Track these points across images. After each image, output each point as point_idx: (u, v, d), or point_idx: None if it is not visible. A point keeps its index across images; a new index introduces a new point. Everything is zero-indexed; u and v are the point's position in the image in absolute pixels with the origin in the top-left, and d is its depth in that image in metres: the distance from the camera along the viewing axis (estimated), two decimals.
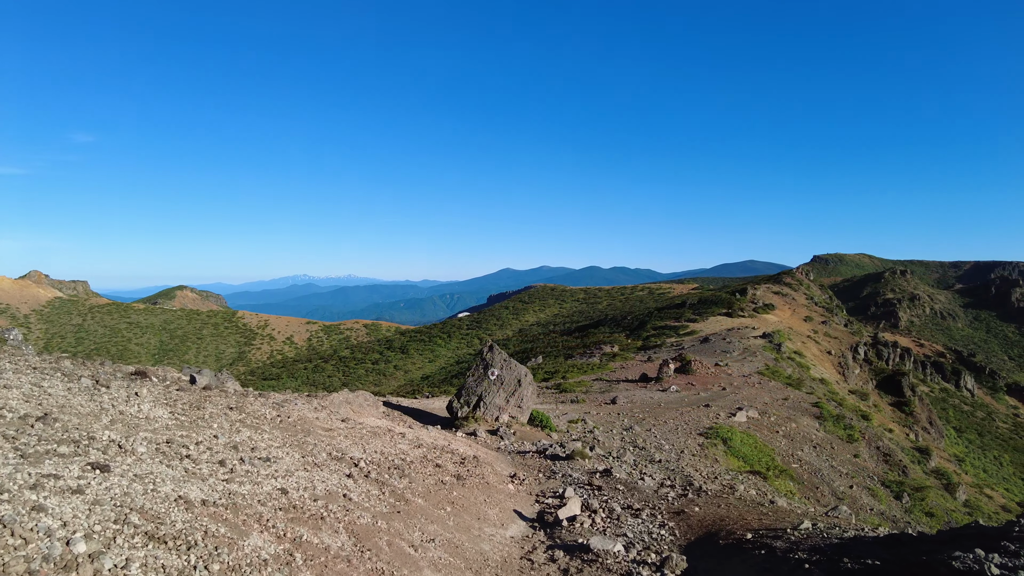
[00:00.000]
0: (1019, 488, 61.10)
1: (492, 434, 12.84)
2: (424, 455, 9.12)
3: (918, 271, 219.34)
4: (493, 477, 9.42)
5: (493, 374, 13.55)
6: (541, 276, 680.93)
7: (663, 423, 19.77)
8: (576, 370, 37.11)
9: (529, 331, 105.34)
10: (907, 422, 52.15)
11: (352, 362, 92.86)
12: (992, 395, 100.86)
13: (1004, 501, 50.18)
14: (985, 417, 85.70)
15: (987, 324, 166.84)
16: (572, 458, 11.00)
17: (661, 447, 14.45)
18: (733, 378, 31.53)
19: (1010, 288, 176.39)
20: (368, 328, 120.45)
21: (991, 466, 64.18)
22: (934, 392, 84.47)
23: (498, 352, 13.92)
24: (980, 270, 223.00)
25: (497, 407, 13.54)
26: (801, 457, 19.85)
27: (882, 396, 56.81)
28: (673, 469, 11.53)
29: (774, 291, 79.67)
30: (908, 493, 20.25)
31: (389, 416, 11.38)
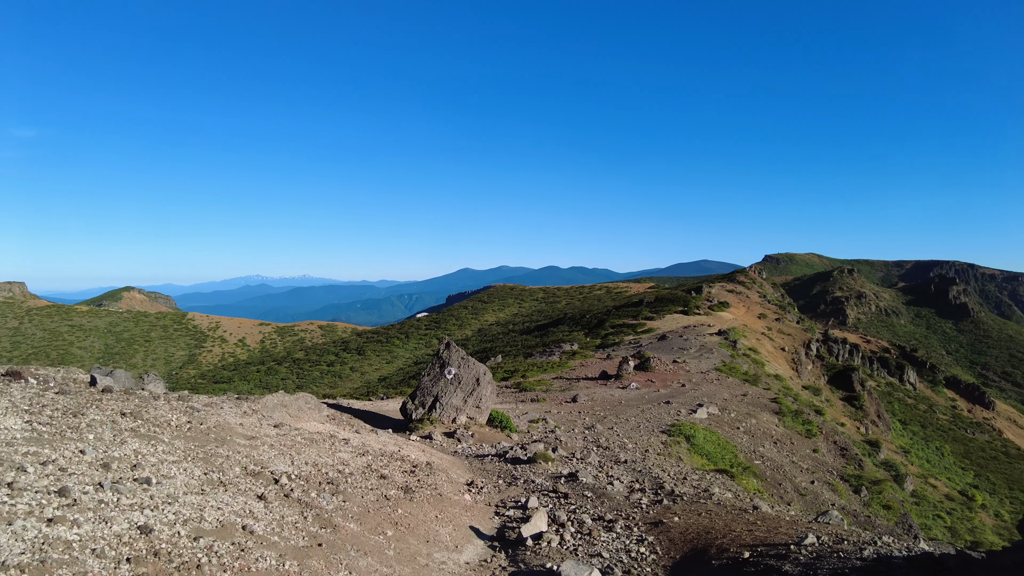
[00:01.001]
0: (959, 476, 63.47)
1: (449, 437, 12.10)
2: (368, 464, 8.19)
3: (864, 270, 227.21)
4: (448, 487, 8.58)
5: (450, 373, 12.82)
6: (500, 276, 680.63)
7: (625, 421, 19.36)
8: (536, 369, 36.59)
9: (489, 331, 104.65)
10: (857, 416, 53.38)
11: (307, 364, 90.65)
12: (932, 388, 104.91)
13: (947, 490, 51.91)
14: (927, 409, 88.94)
15: (927, 320, 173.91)
16: (534, 461, 10.33)
17: (625, 446, 13.96)
18: (692, 375, 31.49)
19: (947, 286, 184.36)
20: (324, 329, 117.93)
21: (934, 456, 66.50)
22: (881, 386, 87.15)
23: (455, 350, 13.19)
24: (920, 269, 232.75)
25: (454, 408, 12.81)
26: (763, 453, 19.74)
27: (833, 391, 58.06)
28: (640, 470, 10.98)
29: (728, 289, 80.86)
30: (866, 487, 20.38)
31: (334, 420, 10.48)
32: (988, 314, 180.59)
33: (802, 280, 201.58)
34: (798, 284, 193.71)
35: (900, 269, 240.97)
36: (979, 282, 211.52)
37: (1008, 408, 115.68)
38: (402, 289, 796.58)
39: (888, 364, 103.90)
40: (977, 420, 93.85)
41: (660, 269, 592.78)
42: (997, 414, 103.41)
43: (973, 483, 61.50)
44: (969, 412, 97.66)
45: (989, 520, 49.37)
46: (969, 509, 47.39)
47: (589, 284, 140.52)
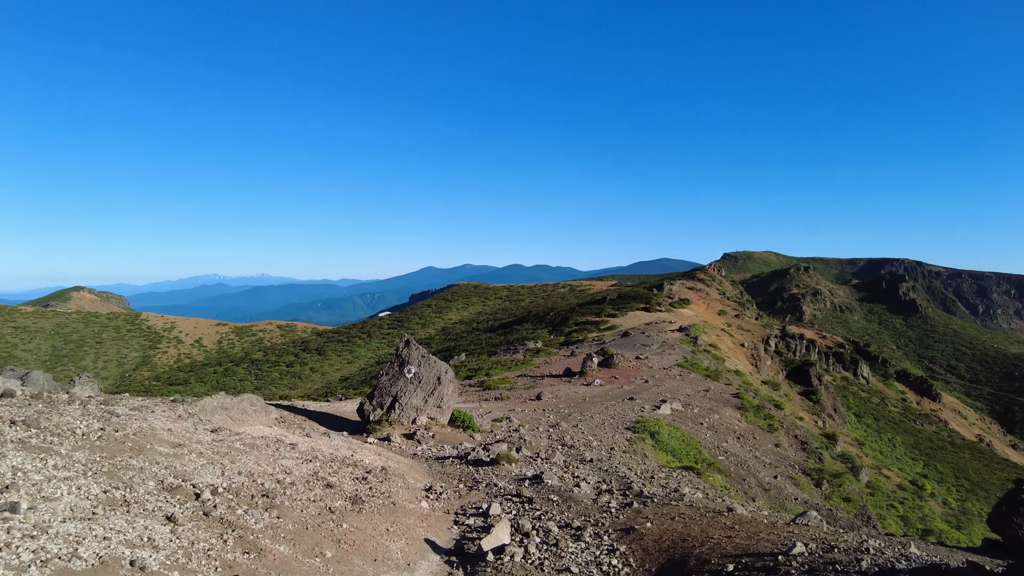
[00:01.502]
0: (910, 466, 65.57)
1: (408, 438, 11.57)
2: (314, 472, 7.49)
3: (819, 268, 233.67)
4: (403, 493, 8.00)
5: (410, 372, 12.28)
6: (464, 275, 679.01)
7: (590, 418, 19.10)
8: (500, 367, 36.18)
9: (452, 329, 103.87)
10: (815, 410, 54.53)
11: (265, 365, 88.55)
12: (884, 382, 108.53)
13: (899, 480, 53.46)
14: (880, 403, 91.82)
15: (879, 316, 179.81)
16: (497, 463, 9.88)
17: (590, 444, 13.64)
18: (654, 371, 31.51)
19: (898, 283, 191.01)
20: (283, 329, 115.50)
21: (886, 447, 68.56)
22: (836, 381, 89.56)
23: (415, 348, 12.65)
24: (872, 266, 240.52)
25: (414, 408, 12.27)
26: (726, 449, 19.72)
27: (792, 386, 59.20)
28: (607, 469, 10.63)
29: (689, 287, 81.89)
30: (827, 480, 20.60)
31: (284, 423, 9.84)
32: (935, 310, 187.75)
33: (760, 278, 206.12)
34: (756, 281, 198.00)
35: (853, 267, 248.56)
36: (926, 279, 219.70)
37: (953, 400, 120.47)
38: (364, 288, 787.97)
39: (843, 359, 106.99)
40: (925, 412, 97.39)
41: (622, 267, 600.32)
42: (943, 406, 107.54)
43: (923, 472, 63.60)
44: (918, 404, 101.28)
45: (938, 508, 51.03)
46: (919, 498, 48.86)
47: (553, 282, 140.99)
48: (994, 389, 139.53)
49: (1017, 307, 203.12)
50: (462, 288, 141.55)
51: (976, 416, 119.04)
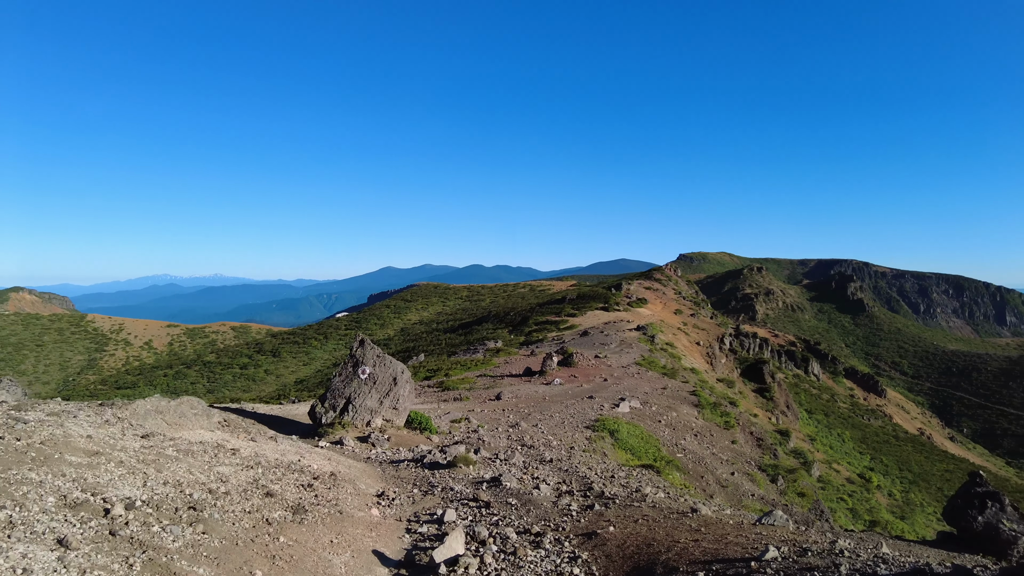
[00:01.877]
0: (858, 460, 67.76)
1: (363, 441, 11.14)
2: (254, 479, 6.92)
3: (772, 268, 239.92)
4: (353, 500, 7.54)
5: (364, 373, 11.85)
6: (424, 275, 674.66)
7: (550, 417, 18.95)
8: (460, 367, 35.80)
9: (412, 330, 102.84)
10: (768, 407, 55.76)
11: (218, 367, 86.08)
12: (834, 379, 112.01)
13: (848, 474, 55.13)
14: (829, 399, 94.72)
15: (829, 315, 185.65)
16: (454, 465, 9.55)
17: (550, 444, 13.44)
18: (613, 369, 31.63)
19: (846, 283, 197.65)
20: (237, 331, 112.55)
21: (836, 442, 70.68)
22: (788, 378, 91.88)
23: (370, 348, 12.23)
24: (822, 267, 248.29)
25: (369, 410, 11.85)
26: (685, 446, 19.83)
27: (746, 383, 60.42)
28: (567, 469, 10.42)
29: (646, 287, 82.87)
30: (782, 475, 20.93)
31: (228, 427, 9.29)
32: (881, 309, 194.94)
33: (715, 278, 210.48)
34: (711, 281, 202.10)
35: (804, 267, 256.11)
36: (872, 279, 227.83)
37: (897, 395, 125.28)
38: (321, 288, 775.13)
39: (795, 357, 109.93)
40: (872, 407, 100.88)
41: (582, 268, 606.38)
42: (888, 401, 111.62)
43: (869, 466, 65.79)
44: (865, 400, 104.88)
45: (884, 500, 52.79)
46: (867, 490, 50.48)
47: (513, 282, 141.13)
48: (934, 384, 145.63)
49: (955, 306, 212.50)
50: (422, 288, 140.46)
51: (918, 410, 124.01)
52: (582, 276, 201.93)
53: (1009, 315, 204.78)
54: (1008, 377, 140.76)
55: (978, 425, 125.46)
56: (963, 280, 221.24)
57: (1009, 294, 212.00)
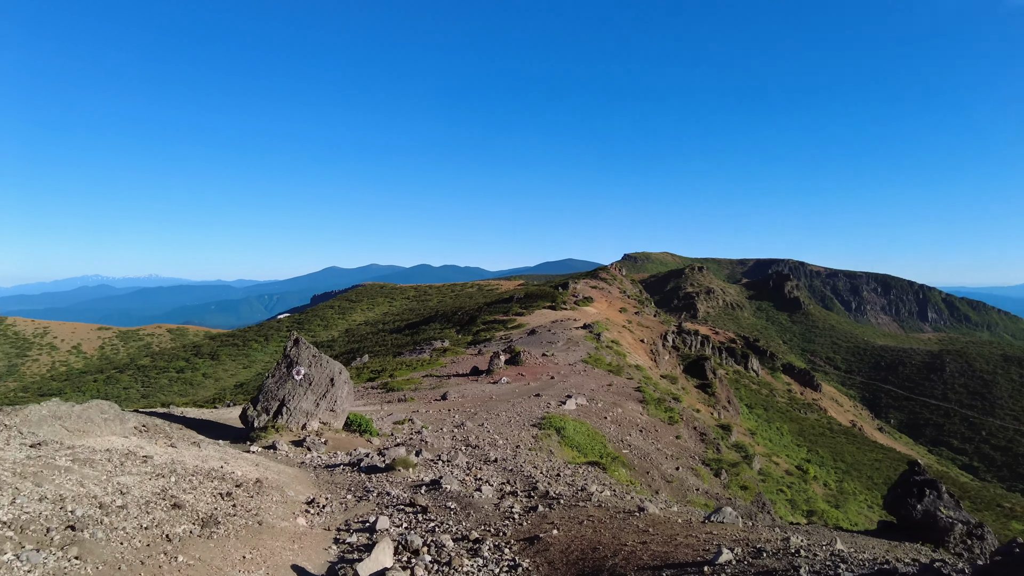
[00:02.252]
0: (796, 453, 70.25)
1: (297, 445, 10.57)
2: (163, 489, 6.24)
3: (712, 268, 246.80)
4: (277, 509, 6.97)
5: (299, 373, 11.27)
6: (370, 275, 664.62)
7: (496, 416, 18.68)
8: (405, 367, 35.14)
9: (357, 331, 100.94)
10: (710, 402, 57.03)
11: (153, 371, 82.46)
12: (772, 374, 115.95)
13: (787, 466, 56.99)
14: (768, 394, 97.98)
15: (767, 313, 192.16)
16: (393, 468, 9.11)
17: (496, 443, 13.14)
18: (560, 367, 31.63)
19: (783, 282, 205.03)
20: (173, 333, 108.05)
21: (775, 436, 73.11)
22: (729, 374, 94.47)
23: (305, 347, 11.64)
24: (761, 266, 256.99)
25: (304, 412, 11.27)
26: (630, 442, 19.89)
27: (689, 379, 61.66)
28: (512, 469, 10.13)
29: (592, 286, 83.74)
30: (725, 469, 21.27)
31: (146, 432, 8.59)
32: (815, 306, 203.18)
33: (658, 277, 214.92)
34: (654, 281, 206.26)
35: (743, 266, 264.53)
36: (808, 278, 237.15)
37: (831, 389, 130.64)
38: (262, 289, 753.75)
39: (735, 353, 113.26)
40: (808, 401, 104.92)
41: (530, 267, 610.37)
42: (823, 395, 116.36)
43: (806, 458, 68.27)
44: (802, 394, 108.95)
45: (820, 490, 54.82)
46: (804, 482, 52.30)
47: (461, 282, 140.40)
48: (865, 378, 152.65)
49: (883, 303, 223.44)
50: (367, 288, 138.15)
51: (850, 403, 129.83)
52: (530, 276, 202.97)
53: (930, 312, 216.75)
54: (929, 370, 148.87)
55: (904, 416, 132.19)
56: (890, 279, 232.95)
57: (930, 292, 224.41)
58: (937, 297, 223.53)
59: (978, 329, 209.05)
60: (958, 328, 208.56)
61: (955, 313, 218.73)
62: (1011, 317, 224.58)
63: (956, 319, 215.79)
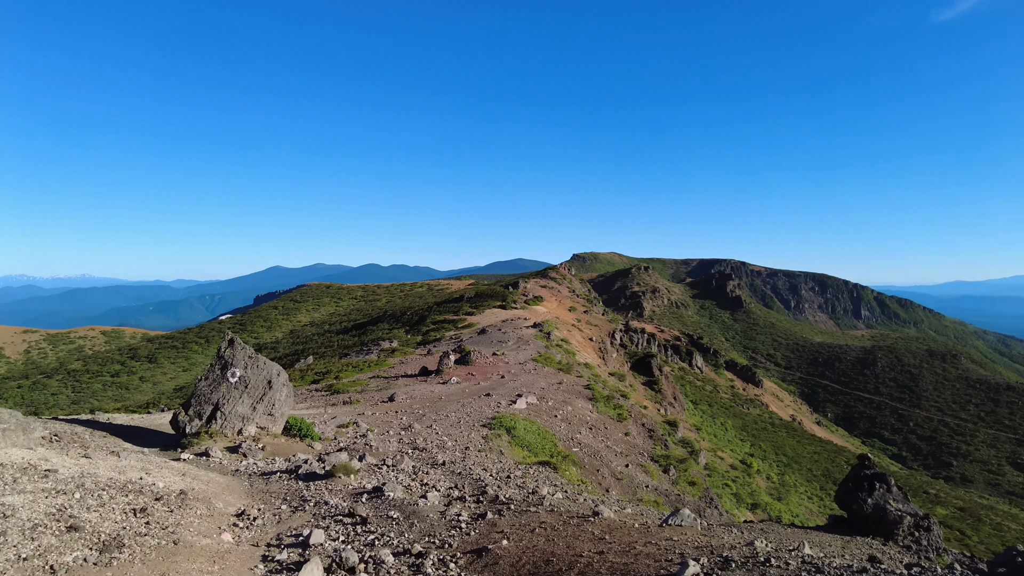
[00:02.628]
0: (739, 447, 72.18)
1: (232, 452, 9.93)
2: (61, 508, 5.44)
3: (658, 267, 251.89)
4: (201, 524, 6.28)
5: (234, 376, 10.62)
6: (316, 274, 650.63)
7: (445, 417, 18.28)
8: (352, 369, 34.27)
9: (302, 332, 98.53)
10: (657, 399, 57.91)
11: (85, 376, 78.37)
12: (715, 371, 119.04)
13: (732, 460, 58.44)
14: (712, 390, 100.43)
15: (710, 312, 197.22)
16: (333, 475, 8.60)
17: (444, 445, 12.76)
18: (511, 366, 31.44)
19: (725, 281, 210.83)
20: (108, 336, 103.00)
21: (719, 431, 74.95)
22: (675, 371, 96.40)
23: (241, 348, 10.98)
24: (704, 266, 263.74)
25: (240, 417, 10.62)
26: (580, 440, 19.82)
27: (636, 376, 62.49)
28: (460, 472, 9.76)
29: (542, 285, 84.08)
30: (673, 466, 21.46)
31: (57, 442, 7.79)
32: (757, 305, 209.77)
33: (606, 276, 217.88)
34: (602, 280, 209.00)
35: (687, 266, 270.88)
36: (749, 277, 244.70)
37: (772, 385, 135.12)
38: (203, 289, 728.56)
39: (680, 351, 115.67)
40: (750, 397, 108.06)
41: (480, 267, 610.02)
42: (764, 391, 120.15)
43: (750, 452, 70.26)
44: (744, 390, 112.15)
45: (763, 483, 56.43)
46: (748, 475, 53.73)
47: (411, 282, 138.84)
48: (804, 374, 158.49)
49: (820, 302, 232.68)
50: (313, 288, 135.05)
51: (790, 398, 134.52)
52: (481, 275, 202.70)
53: (864, 310, 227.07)
54: (863, 365, 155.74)
55: (839, 410, 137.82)
56: (827, 278, 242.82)
57: (864, 291, 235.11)
58: (870, 296, 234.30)
59: (906, 326, 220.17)
60: (888, 325, 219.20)
61: (886, 311, 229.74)
62: (935, 314, 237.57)
63: (887, 316, 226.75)
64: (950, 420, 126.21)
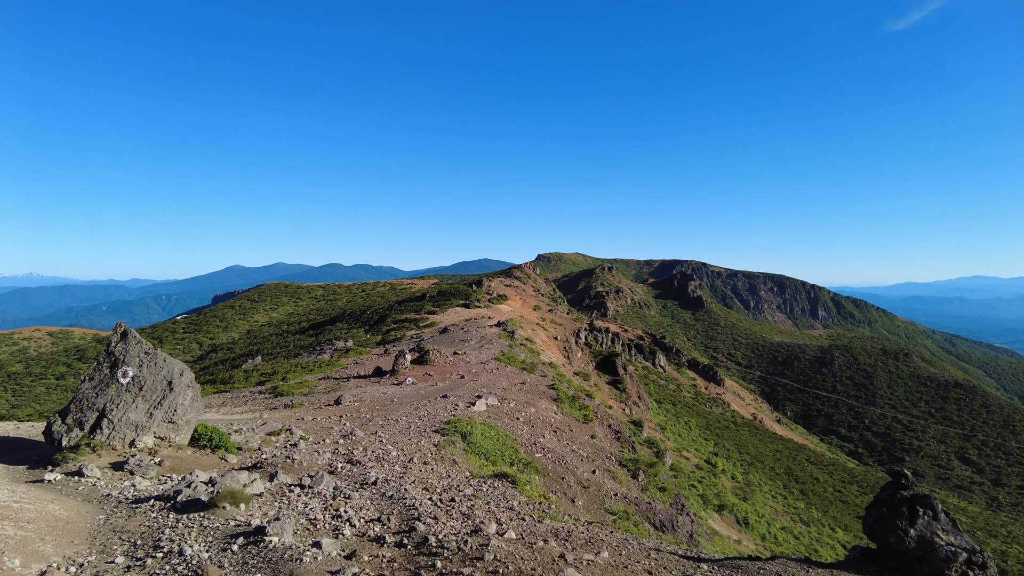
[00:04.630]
0: (704, 446, 71.79)
1: (117, 469, 8.08)
2: None
3: (621, 268, 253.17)
4: None
5: (125, 375, 8.74)
6: (277, 274, 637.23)
7: (395, 422, 16.55)
8: (301, 370, 32.12)
9: (259, 332, 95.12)
10: (621, 398, 56.91)
11: (28, 378, 73.95)
12: (678, 370, 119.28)
13: (697, 460, 57.80)
14: (676, 389, 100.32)
15: (672, 312, 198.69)
16: (214, 506, 6.76)
17: (385, 457, 11.03)
18: (472, 366, 29.81)
19: (687, 282, 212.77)
20: (55, 336, 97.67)
21: (683, 430, 74.48)
22: (638, 370, 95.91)
23: (135, 342, 9.09)
24: (666, 267, 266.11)
25: (132, 425, 8.75)
26: (544, 444, 18.31)
27: (600, 375, 61.45)
28: (392, 495, 8.04)
29: (506, 284, 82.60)
30: (643, 470, 20.15)
31: None
32: (717, 305, 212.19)
33: (570, 277, 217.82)
34: (567, 280, 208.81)
35: (650, 267, 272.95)
36: (710, 278, 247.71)
37: (733, 384, 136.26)
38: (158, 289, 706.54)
39: (643, 350, 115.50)
40: (712, 396, 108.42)
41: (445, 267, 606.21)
42: (726, 389, 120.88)
43: (714, 451, 69.87)
44: (706, 389, 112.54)
45: (728, 483, 55.90)
46: (714, 475, 53.04)
47: (373, 281, 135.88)
48: (763, 373, 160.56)
49: (779, 302, 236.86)
50: (272, 288, 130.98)
51: (751, 397, 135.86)
52: (445, 275, 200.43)
53: (820, 310, 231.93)
54: (820, 364, 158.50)
55: (798, 408, 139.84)
56: (785, 279, 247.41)
57: (821, 291, 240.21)
58: (826, 296, 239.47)
59: (861, 325, 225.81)
60: (844, 325, 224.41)
61: (841, 311, 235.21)
62: (887, 314, 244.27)
63: (842, 316, 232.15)
64: (903, 417, 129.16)
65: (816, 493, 67.54)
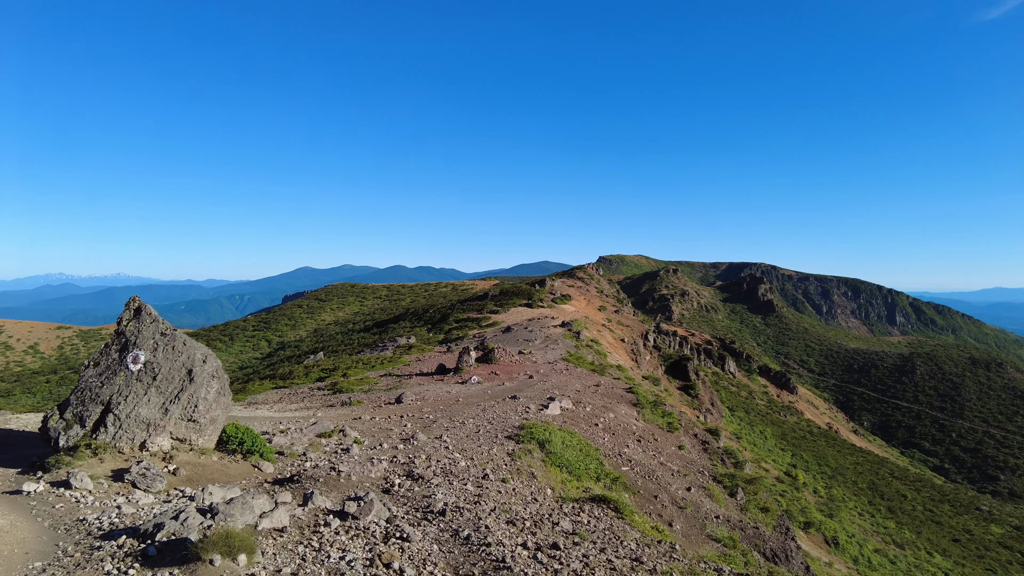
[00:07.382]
0: (781, 457, 67.25)
1: (118, 479, 6.33)
2: None
3: (685, 270, 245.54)
4: None
5: (136, 361, 7.02)
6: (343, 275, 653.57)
7: (460, 424, 14.55)
8: (362, 365, 30.75)
9: (326, 330, 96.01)
10: (694, 404, 53.56)
11: None
12: (748, 376, 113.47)
13: (777, 472, 53.75)
14: (747, 396, 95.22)
15: (741, 316, 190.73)
16: (197, 559, 4.47)
17: (453, 469, 8.99)
18: (539, 365, 27.64)
19: (756, 285, 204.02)
20: None
21: (759, 440, 70.05)
22: (708, 376, 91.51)
23: (150, 322, 7.33)
24: (734, 269, 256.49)
25: (143, 423, 7.00)
26: (629, 455, 15.94)
27: (671, 381, 58.19)
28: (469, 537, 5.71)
29: (569, 284, 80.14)
30: (741, 487, 17.49)
31: None
32: (788, 309, 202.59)
33: (632, 279, 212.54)
34: (629, 283, 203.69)
35: (716, 269, 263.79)
36: (780, 282, 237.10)
37: (806, 391, 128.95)
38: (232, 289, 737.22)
39: (712, 355, 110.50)
40: (785, 403, 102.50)
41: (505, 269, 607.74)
42: (799, 397, 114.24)
43: (792, 463, 65.25)
44: (778, 397, 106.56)
45: (811, 498, 51.67)
46: (796, 489, 49.04)
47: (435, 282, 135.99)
48: (838, 380, 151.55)
49: (852, 307, 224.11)
50: (338, 288, 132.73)
51: (825, 406, 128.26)
52: (505, 277, 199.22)
53: (898, 315, 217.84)
54: (900, 373, 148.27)
55: (876, 418, 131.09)
56: (859, 283, 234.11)
57: (898, 296, 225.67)
58: (904, 301, 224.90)
59: (943, 333, 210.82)
60: (924, 332, 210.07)
61: (921, 317, 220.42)
62: (974, 321, 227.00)
63: (923, 323, 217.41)
64: (996, 431, 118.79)
65: (904, 511, 61.93)
